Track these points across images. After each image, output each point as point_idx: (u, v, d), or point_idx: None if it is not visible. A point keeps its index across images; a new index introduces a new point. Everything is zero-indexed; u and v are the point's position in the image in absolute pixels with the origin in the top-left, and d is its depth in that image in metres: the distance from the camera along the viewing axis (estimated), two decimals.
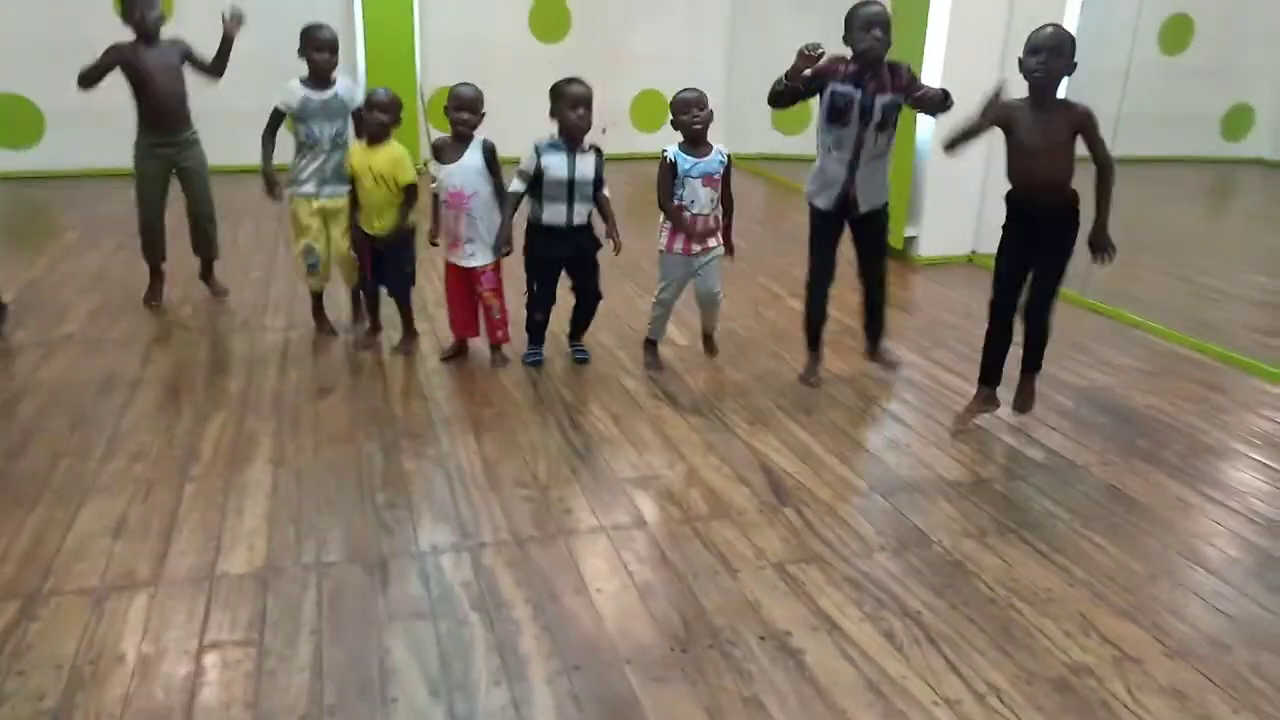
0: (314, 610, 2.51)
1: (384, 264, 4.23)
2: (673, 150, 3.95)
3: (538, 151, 3.95)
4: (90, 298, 4.97)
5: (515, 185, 3.99)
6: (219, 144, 6.21)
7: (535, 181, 3.96)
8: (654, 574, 2.73)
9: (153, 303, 4.89)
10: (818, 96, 3.80)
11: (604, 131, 10.68)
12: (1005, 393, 3.82)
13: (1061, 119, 3.37)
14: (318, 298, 4.54)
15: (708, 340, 4.33)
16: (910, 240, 6.29)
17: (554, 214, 3.99)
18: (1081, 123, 3.36)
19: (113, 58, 4.46)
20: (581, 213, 4.03)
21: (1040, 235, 3.51)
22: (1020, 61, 3.37)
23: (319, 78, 4.24)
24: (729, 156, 4.00)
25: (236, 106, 4.32)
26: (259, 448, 3.41)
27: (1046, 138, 3.38)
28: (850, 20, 3.69)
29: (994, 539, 2.96)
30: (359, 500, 3.09)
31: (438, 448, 3.48)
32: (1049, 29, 3.35)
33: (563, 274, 4.19)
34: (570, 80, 3.96)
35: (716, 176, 3.95)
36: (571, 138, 3.95)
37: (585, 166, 3.97)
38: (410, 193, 4.12)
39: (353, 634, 2.43)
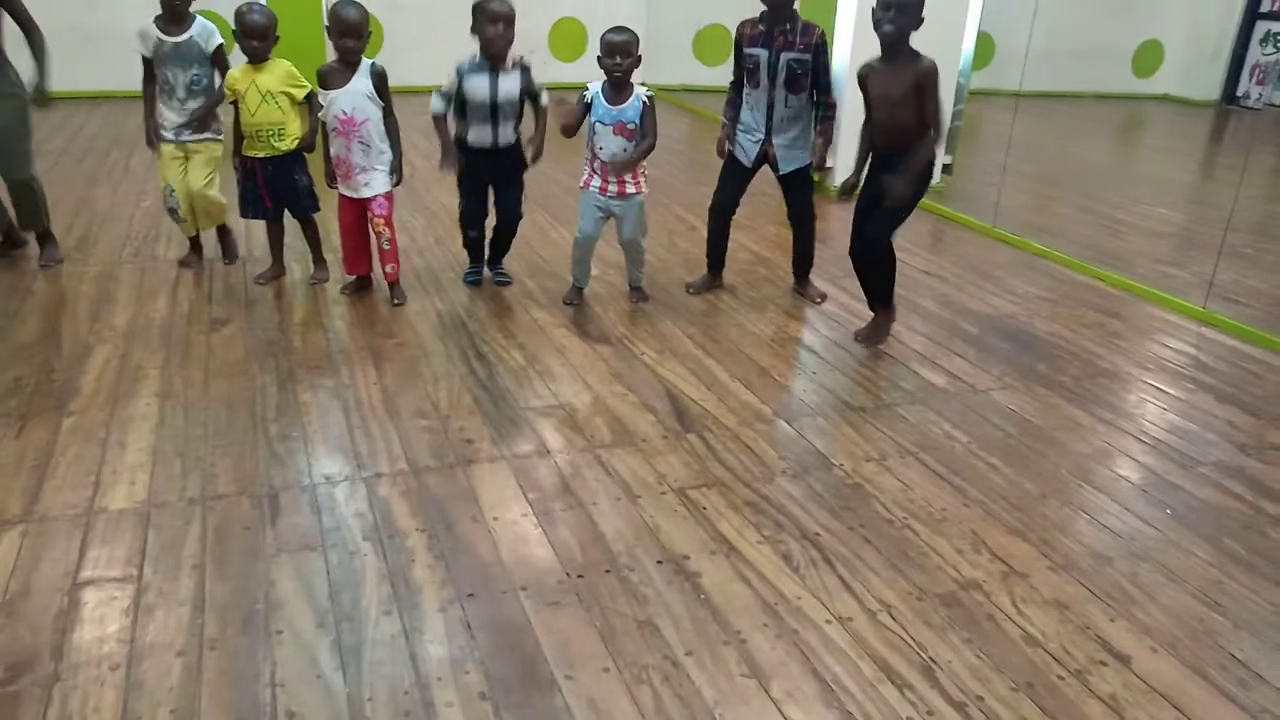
0: (198, 544, 2.42)
1: (281, 188, 4.04)
2: (594, 90, 3.84)
3: (459, 73, 3.82)
4: None
5: (436, 104, 3.88)
6: (114, 68, 5.87)
7: (460, 103, 3.86)
8: (554, 502, 2.70)
9: None
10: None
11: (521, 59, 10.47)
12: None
13: (907, 74, 3.44)
14: (194, 240, 4.35)
15: (634, 290, 4.25)
16: (826, 172, 6.27)
17: (479, 135, 3.90)
18: (920, 79, 3.43)
19: None
20: (506, 133, 3.93)
21: (886, 173, 3.59)
22: (872, 13, 3.45)
23: (173, 17, 3.97)
24: (649, 100, 3.88)
25: (130, 28, 4.02)
26: (145, 381, 3.26)
27: (892, 91, 3.47)
28: None
29: (894, 461, 3.00)
30: (251, 433, 2.98)
31: (336, 379, 3.37)
32: None
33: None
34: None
35: (631, 126, 3.85)
36: (491, 56, 3.81)
37: (509, 85, 3.85)
38: (310, 103, 3.94)
39: (238, 567, 2.35)
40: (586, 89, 3.87)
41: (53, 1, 6.76)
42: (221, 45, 4.03)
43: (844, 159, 6.20)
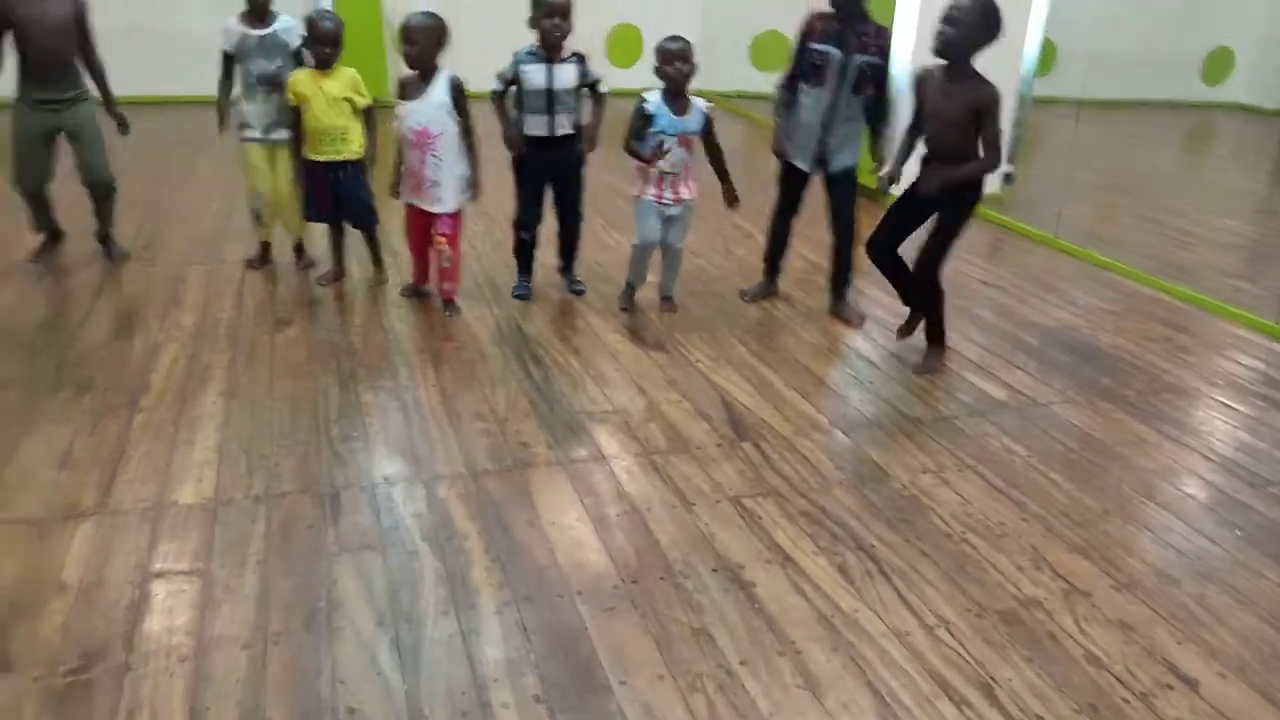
0: (262, 541, 2.48)
1: (343, 195, 4.11)
2: (654, 101, 3.83)
3: (516, 60, 3.86)
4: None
5: (495, 84, 3.92)
6: (180, 72, 6.01)
7: (517, 91, 3.88)
8: (609, 507, 2.71)
9: (42, 260, 4.41)
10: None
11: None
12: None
13: (966, 94, 3.34)
14: (266, 246, 4.45)
15: (665, 300, 4.22)
16: (882, 181, 6.21)
17: (536, 124, 3.91)
18: (979, 104, 3.32)
19: None
20: (564, 123, 3.93)
21: (936, 199, 3.50)
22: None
23: (256, 12, 4.08)
24: (711, 112, 3.89)
25: (196, 32, 4.12)
26: (212, 380, 3.34)
27: (946, 108, 3.38)
28: None
29: (952, 474, 2.96)
30: (313, 432, 3.04)
31: (395, 380, 3.42)
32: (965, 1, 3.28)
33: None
34: None
35: (692, 136, 3.85)
36: (547, 46, 3.83)
37: (564, 76, 3.86)
38: (370, 117, 4.01)
39: (301, 564, 2.40)
40: (645, 99, 3.87)
41: (113, 4, 6.98)
42: (304, 40, 4.10)
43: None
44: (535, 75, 3.84)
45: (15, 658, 2.04)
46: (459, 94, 3.83)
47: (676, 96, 3.83)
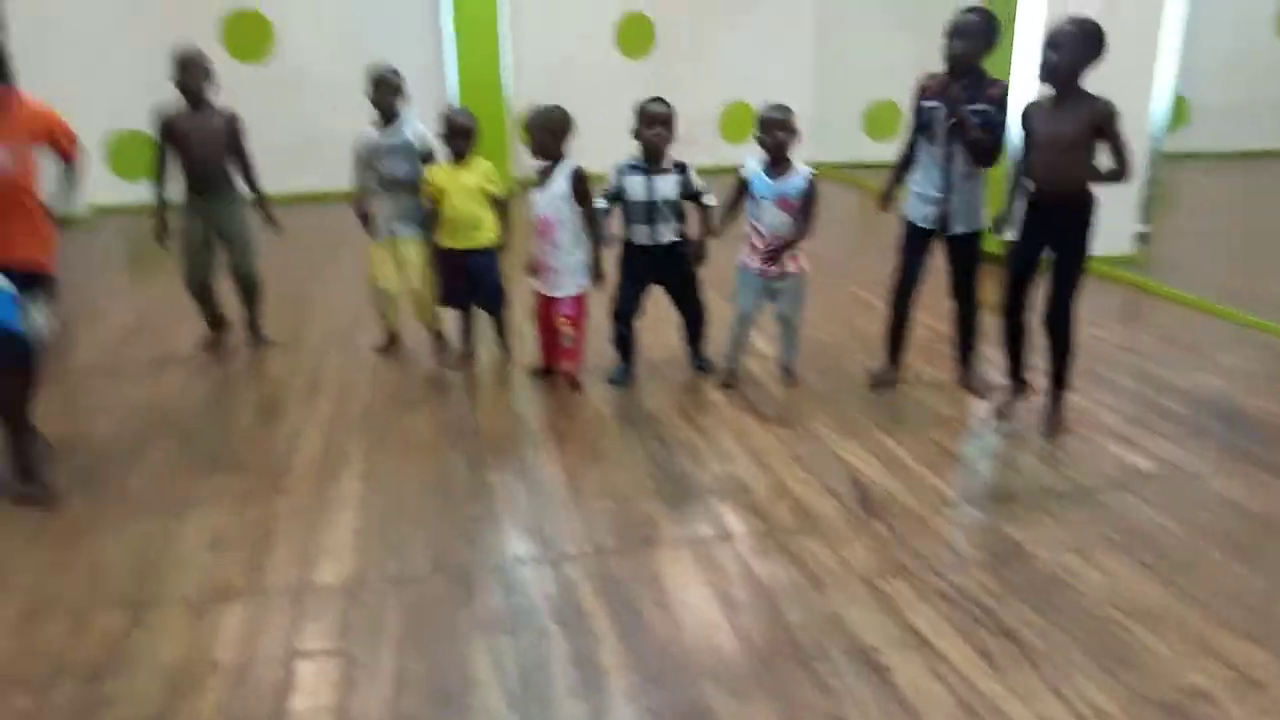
0: (398, 621, 2.54)
1: (475, 281, 4.27)
2: (751, 167, 3.90)
3: (618, 171, 3.98)
4: (197, 322, 5.18)
5: (599, 203, 4.02)
6: (320, 169, 6.39)
7: (620, 201, 3.99)
8: (737, 587, 2.68)
9: (209, 350, 4.73)
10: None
11: (691, 144, 10.78)
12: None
13: (1080, 113, 3.30)
14: (393, 335, 4.66)
15: (786, 372, 4.19)
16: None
17: (639, 234, 4.00)
18: (1097, 119, 3.28)
19: (159, 126, 4.35)
20: (665, 232, 3.99)
21: (1052, 228, 3.43)
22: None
23: (386, 119, 4.33)
24: (813, 179, 3.91)
25: (339, 132, 4.42)
26: (349, 462, 3.49)
27: (1063, 131, 3.32)
28: (945, 29, 3.63)
29: (1098, 553, 2.81)
30: (444, 513, 3.13)
31: (522, 460, 3.50)
32: (1062, 25, 3.27)
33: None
34: (650, 100, 3.95)
35: (793, 201, 3.88)
36: (649, 156, 3.94)
37: (665, 186, 3.94)
38: (501, 205, 4.18)
39: (435, 645, 2.45)
40: (744, 165, 3.94)
41: (274, 116, 7.53)
42: (432, 146, 4.35)
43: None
44: (636, 186, 3.95)
45: None
46: (580, 183, 3.95)
47: (776, 162, 3.87)
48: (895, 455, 3.47)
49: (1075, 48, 3.25)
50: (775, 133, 3.81)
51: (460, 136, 4.07)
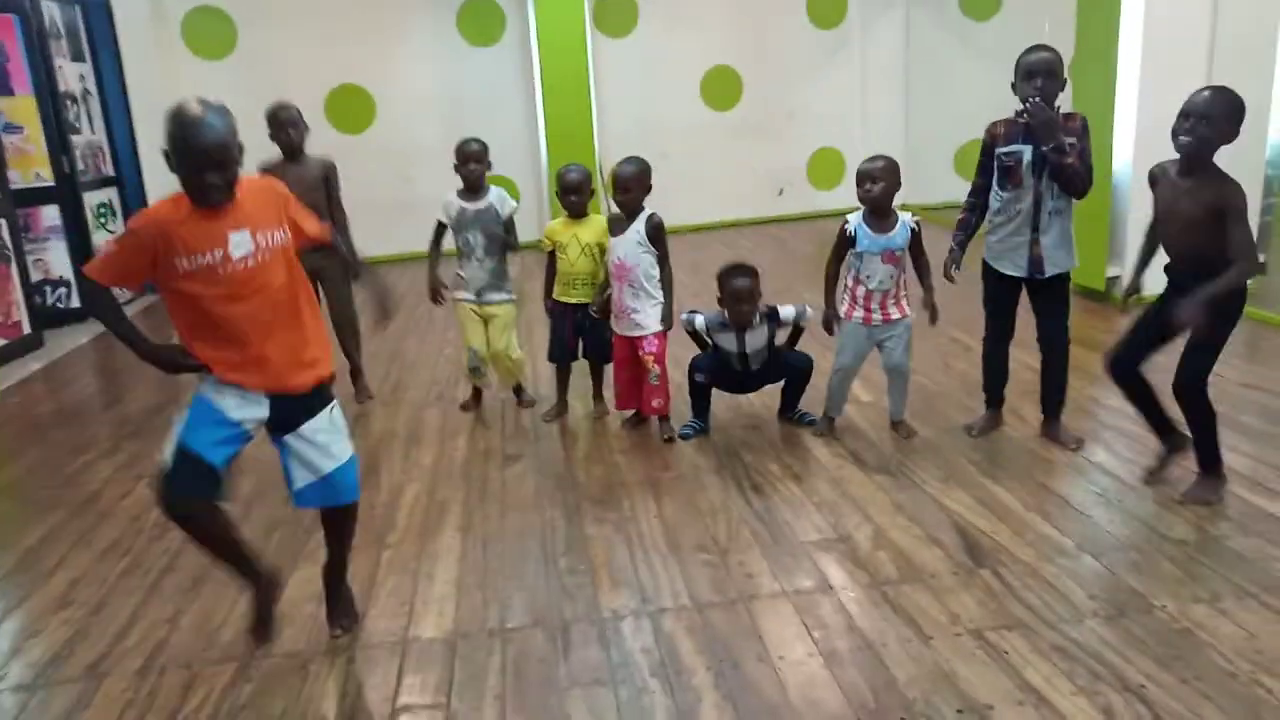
0: (498, 675, 2.55)
1: (587, 334, 4.33)
2: (855, 221, 3.87)
3: (708, 328, 4.14)
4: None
5: (683, 321, 4.19)
6: (417, 231, 6.58)
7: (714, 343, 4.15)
8: (840, 641, 2.60)
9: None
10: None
11: (780, 193, 10.80)
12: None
13: (1205, 193, 3.03)
14: (478, 391, 4.73)
15: (896, 425, 4.08)
16: (1113, 281, 5.86)
17: (731, 360, 4.13)
18: (1221, 203, 2.99)
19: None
20: (755, 363, 4.12)
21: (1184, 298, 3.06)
22: (1174, 126, 3.06)
23: (471, 188, 4.45)
24: (917, 226, 3.87)
25: (434, 196, 4.58)
26: (449, 515, 3.54)
27: (1185, 209, 3.08)
28: (1016, 69, 3.53)
29: (1230, 604, 2.64)
30: (542, 566, 3.13)
31: (619, 512, 3.49)
32: (1205, 93, 3.01)
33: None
34: (732, 271, 4.02)
35: (898, 253, 3.83)
36: (738, 324, 4.03)
37: (757, 340, 4.05)
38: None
39: (535, 699, 2.44)
40: (848, 220, 3.90)
41: (374, 179, 7.82)
42: (514, 210, 4.46)
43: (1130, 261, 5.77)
44: (726, 342, 4.08)
45: None
46: (657, 232, 4.02)
47: (878, 215, 3.82)
48: (1002, 502, 3.34)
49: (1223, 122, 2.97)
50: (866, 185, 3.78)
51: (570, 191, 4.17)
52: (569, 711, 2.38)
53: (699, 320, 4.16)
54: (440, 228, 4.53)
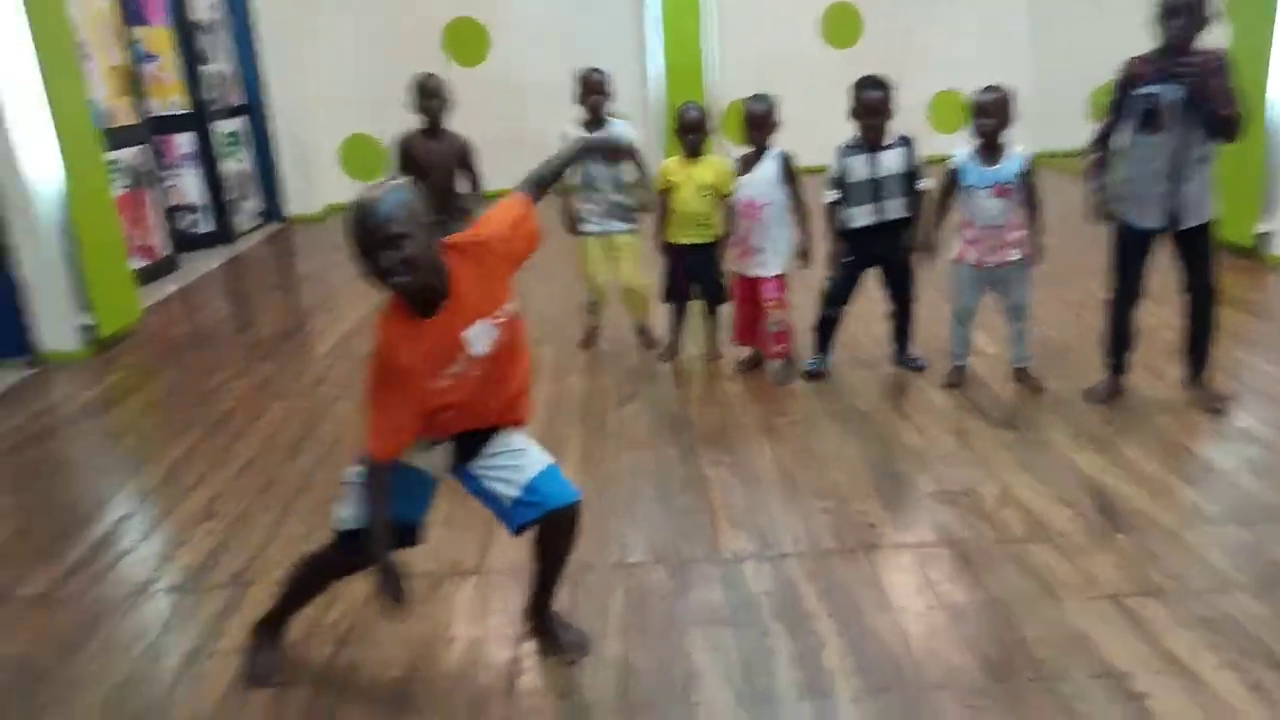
0: (621, 608, 2.59)
1: (701, 275, 4.30)
2: (960, 157, 3.73)
3: (839, 154, 3.91)
4: None
5: (828, 195, 3.96)
6: (529, 167, 6.62)
7: (842, 186, 3.91)
8: (965, 596, 2.55)
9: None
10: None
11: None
12: None
13: None
14: (594, 329, 4.74)
15: (1021, 376, 3.93)
16: (1262, 237, 5.50)
17: (861, 214, 3.90)
18: None
19: (399, 149, 4.45)
20: (891, 209, 3.89)
21: None
22: None
23: (594, 119, 4.41)
24: (1030, 161, 3.69)
25: (548, 132, 4.57)
26: (569, 451, 3.58)
27: None
28: (1156, 7, 3.28)
29: None
30: (660, 504, 3.16)
31: (734, 454, 3.48)
32: None
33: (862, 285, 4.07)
34: (865, 82, 3.85)
35: (1009, 185, 3.66)
36: (867, 140, 3.85)
37: (889, 161, 3.85)
38: (727, 203, 4.18)
39: (657, 634, 2.47)
40: (953, 156, 3.76)
41: (487, 114, 7.82)
42: (637, 140, 4.41)
43: None
44: (859, 167, 3.86)
45: (418, 702, 2.27)
46: (788, 167, 3.97)
47: (988, 149, 3.66)
48: (1137, 464, 3.21)
49: None
50: (980, 118, 3.63)
51: (693, 131, 4.11)
52: (691, 648, 2.40)
53: (832, 168, 3.93)
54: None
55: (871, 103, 3.81)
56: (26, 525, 3.26)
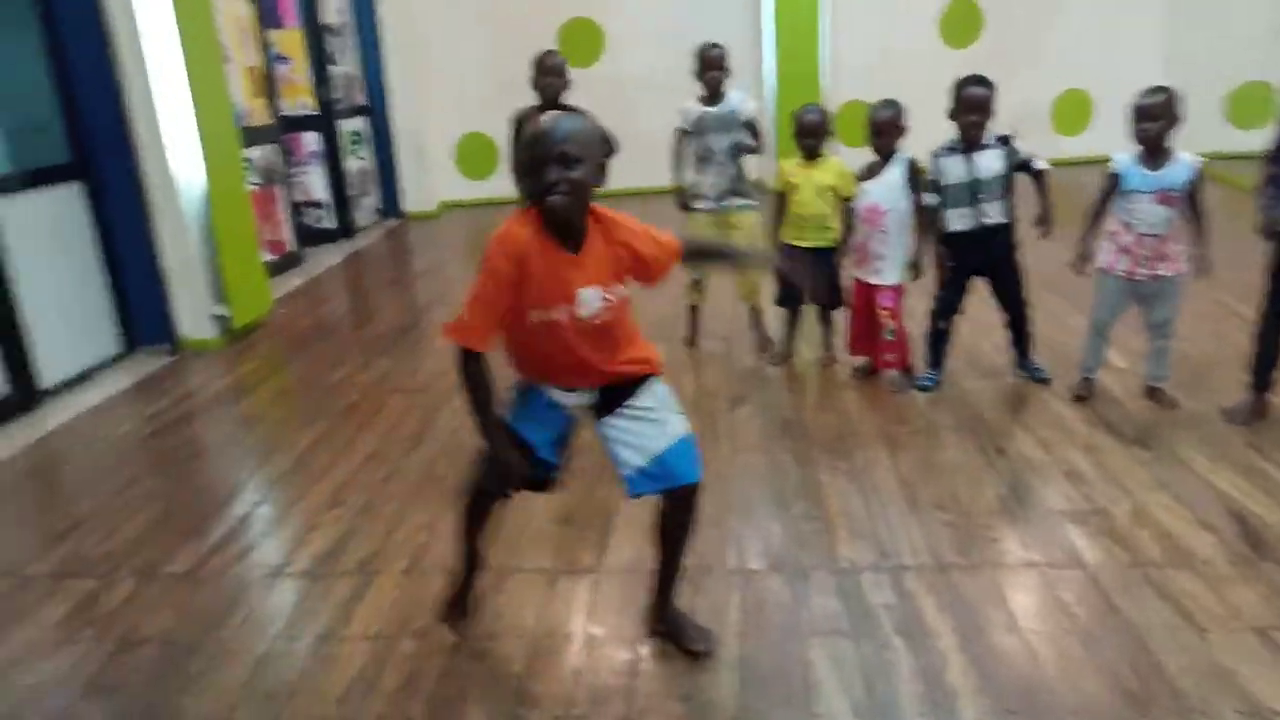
0: (739, 614, 2.58)
1: (818, 280, 4.22)
2: (1123, 160, 3.57)
3: (935, 156, 3.83)
4: None
5: (927, 199, 3.87)
6: (644, 166, 6.70)
7: (939, 188, 3.82)
8: (1098, 620, 2.46)
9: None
10: None
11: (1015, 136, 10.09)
12: None
13: None
14: (694, 309, 4.72)
15: (1154, 393, 3.77)
16: None
17: (958, 218, 3.81)
18: None
19: (516, 123, 4.49)
20: (990, 212, 3.77)
21: None
22: None
23: (712, 94, 4.41)
24: (1199, 170, 3.51)
25: (660, 130, 4.60)
26: None
27: None
28: None
29: None
30: (776, 509, 3.14)
31: (851, 462, 3.43)
32: None
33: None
34: (968, 80, 3.75)
35: (1174, 194, 3.49)
36: (966, 141, 3.75)
37: (987, 163, 3.73)
38: (847, 206, 4.15)
39: (775, 642, 2.46)
40: (1114, 158, 3.60)
41: (599, 112, 7.89)
42: (755, 111, 4.42)
43: None
44: (954, 167, 3.75)
45: (539, 696, 2.31)
46: (914, 174, 3.90)
47: (1152, 153, 3.50)
48: None
49: None
50: (1143, 123, 3.47)
51: (811, 134, 4.07)
52: (811, 658, 2.38)
53: (930, 171, 3.85)
54: (679, 135, 4.52)
55: (974, 99, 3.70)
56: (171, 506, 3.44)
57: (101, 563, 3.05)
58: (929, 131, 5.19)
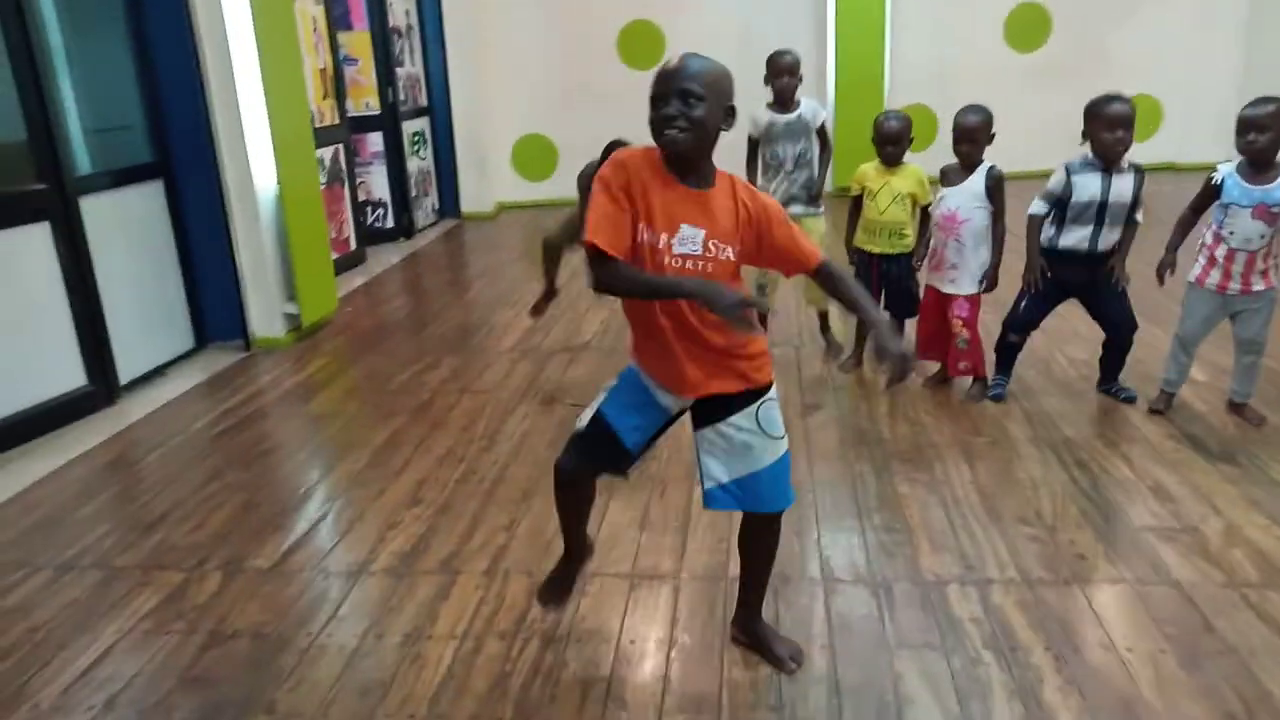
0: (823, 624, 2.57)
1: (891, 287, 4.21)
2: (1225, 171, 3.49)
3: (1068, 171, 3.68)
4: (601, 310, 5.60)
5: (1037, 207, 3.76)
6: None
7: (1059, 204, 3.71)
8: (1195, 641, 2.41)
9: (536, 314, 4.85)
10: None
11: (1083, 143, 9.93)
12: None
13: None
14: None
15: (1239, 409, 3.68)
16: None
17: (1076, 238, 3.70)
18: None
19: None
20: (1109, 239, 3.69)
21: None
22: None
23: (782, 101, 4.39)
24: None
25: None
26: None
27: None
28: None
29: None
30: (855, 520, 3.11)
31: (930, 473, 3.40)
32: None
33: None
34: (1109, 98, 3.62)
35: (1276, 209, 3.41)
36: (1107, 161, 3.63)
37: (1123, 187, 3.63)
38: (925, 214, 4.11)
39: (863, 654, 2.44)
40: (1217, 169, 3.53)
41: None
42: (826, 119, 4.39)
43: None
44: (1090, 186, 3.64)
45: (628, 701, 2.31)
46: (997, 185, 3.83)
47: (1257, 166, 3.41)
48: None
49: None
50: (1250, 134, 3.37)
51: (893, 142, 4.03)
52: (900, 671, 2.36)
53: (1053, 182, 3.70)
54: (750, 143, 4.51)
55: (1120, 116, 3.55)
56: (252, 500, 3.50)
57: (188, 556, 3.11)
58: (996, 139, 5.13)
